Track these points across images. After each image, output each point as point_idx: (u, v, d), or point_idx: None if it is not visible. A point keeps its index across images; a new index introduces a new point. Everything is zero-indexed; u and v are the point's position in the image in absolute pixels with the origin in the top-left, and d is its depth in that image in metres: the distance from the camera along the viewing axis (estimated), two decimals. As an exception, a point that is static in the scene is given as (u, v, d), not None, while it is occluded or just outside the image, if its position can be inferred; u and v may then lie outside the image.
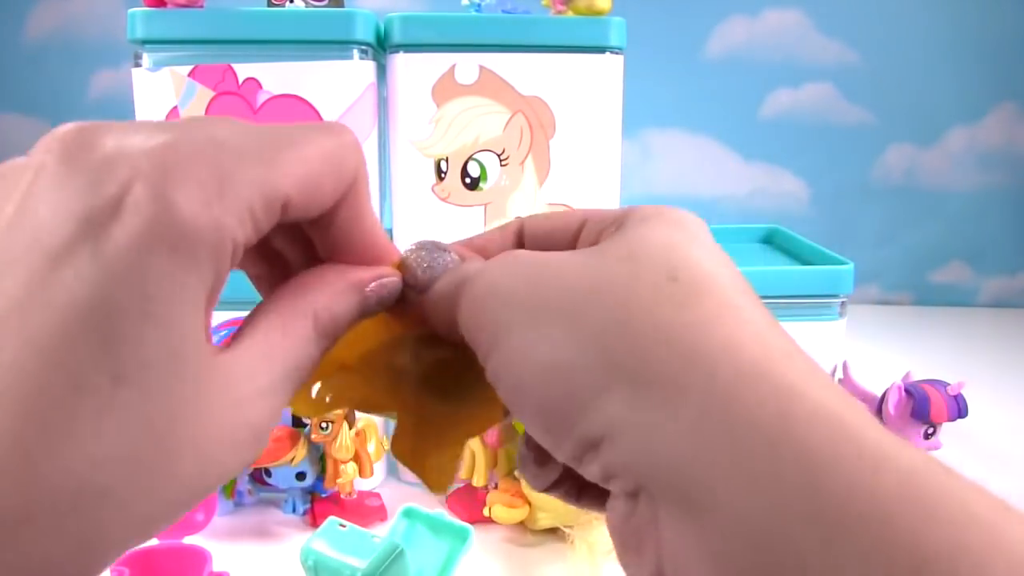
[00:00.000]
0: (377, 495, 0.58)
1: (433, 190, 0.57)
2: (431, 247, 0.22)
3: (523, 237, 0.24)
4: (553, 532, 0.54)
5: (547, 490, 0.22)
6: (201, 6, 0.54)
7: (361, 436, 0.55)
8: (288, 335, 0.19)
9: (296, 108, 0.54)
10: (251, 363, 0.18)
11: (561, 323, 0.18)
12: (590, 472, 0.18)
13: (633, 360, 0.17)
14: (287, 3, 0.55)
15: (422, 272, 0.22)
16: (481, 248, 0.24)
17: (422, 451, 0.22)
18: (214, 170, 0.16)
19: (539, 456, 0.22)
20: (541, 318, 0.18)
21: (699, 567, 0.16)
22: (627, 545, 0.18)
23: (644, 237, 0.19)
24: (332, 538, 0.43)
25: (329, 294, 0.20)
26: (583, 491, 0.22)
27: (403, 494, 0.60)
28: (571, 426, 0.17)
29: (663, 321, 0.17)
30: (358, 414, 0.56)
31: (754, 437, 0.15)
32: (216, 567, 0.47)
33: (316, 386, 0.22)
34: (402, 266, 0.22)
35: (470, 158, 0.56)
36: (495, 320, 0.19)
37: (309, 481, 0.56)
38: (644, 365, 0.17)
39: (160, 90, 0.53)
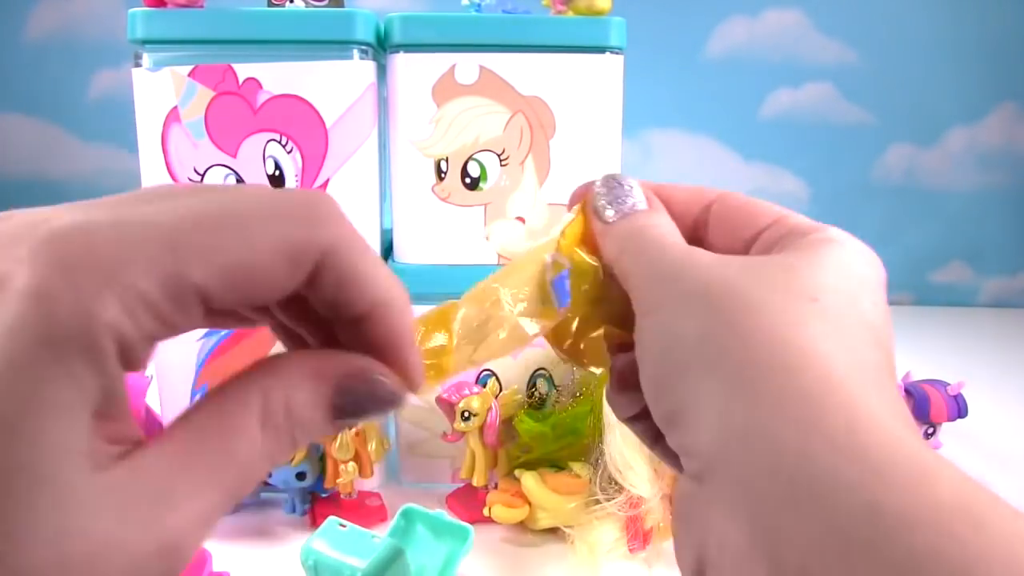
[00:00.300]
0: (377, 495, 0.58)
1: (433, 190, 0.57)
2: (619, 182, 0.24)
3: (711, 211, 0.24)
4: (553, 532, 0.54)
5: (628, 421, 0.25)
6: (201, 6, 0.54)
7: (361, 436, 0.55)
8: (224, 429, 0.16)
9: (296, 108, 0.54)
10: (166, 468, 0.15)
11: (700, 312, 0.19)
12: (671, 441, 0.19)
13: (734, 355, 0.18)
14: (287, 3, 0.55)
15: (608, 204, 0.24)
16: (668, 198, 0.25)
17: (576, 344, 0.26)
18: (102, 255, 0.14)
19: (623, 385, 0.24)
20: (690, 304, 0.20)
21: (742, 556, 0.16)
22: (680, 519, 0.19)
23: (810, 255, 0.20)
24: (332, 538, 0.43)
25: (284, 380, 0.17)
26: (660, 437, 0.23)
27: (403, 494, 0.60)
28: (663, 395, 0.19)
29: (777, 331, 0.18)
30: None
31: (819, 441, 0.16)
32: (216, 567, 0.47)
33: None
34: (589, 195, 0.24)
35: (470, 158, 0.56)
36: (657, 299, 0.21)
37: (309, 481, 0.56)
38: (741, 363, 0.18)
39: (160, 90, 0.53)
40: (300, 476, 0.55)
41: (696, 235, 0.24)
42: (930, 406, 0.53)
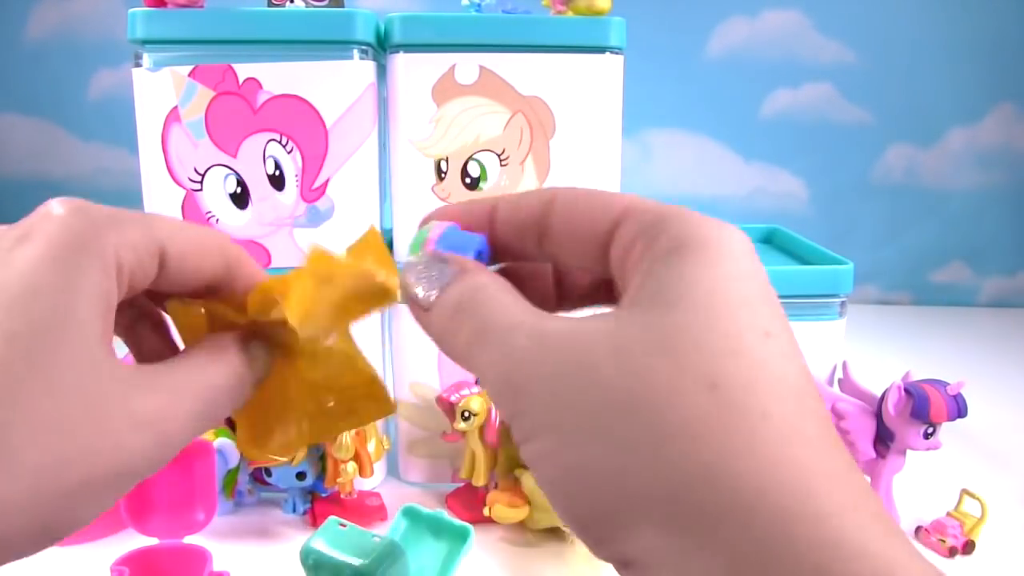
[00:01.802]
0: (377, 495, 0.58)
1: (433, 190, 0.57)
2: (428, 262, 0.20)
3: (553, 212, 0.21)
4: (553, 532, 0.54)
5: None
6: (201, 6, 0.54)
7: (361, 436, 0.55)
8: (212, 359, 0.22)
9: (296, 108, 0.54)
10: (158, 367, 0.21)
11: (593, 434, 0.16)
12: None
13: (667, 493, 0.16)
14: (287, 3, 0.55)
15: (421, 285, 0.20)
16: (514, 210, 0.21)
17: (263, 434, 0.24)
18: (107, 211, 0.20)
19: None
20: (575, 425, 0.17)
21: None
22: None
23: (681, 309, 0.17)
24: (332, 538, 0.43)
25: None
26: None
27: (403, 494, 0.60)
28: (604, 542, 0.17)
29: (703, 454, 0.15)
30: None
31: None
32: (216, 567, 0.47)
33: None
34: (402, 283, 0.21)
35: (470, 158, 0.56)
36: (524, 414, 0.17)
37: (309, 481, 0.56)
38: (677, 502, 0.16)
39: (160, 90, 0.53)
40: (300, 476, 0.55)
41: (543, 248, 0.21)
42: (930, 406, 0.53)
